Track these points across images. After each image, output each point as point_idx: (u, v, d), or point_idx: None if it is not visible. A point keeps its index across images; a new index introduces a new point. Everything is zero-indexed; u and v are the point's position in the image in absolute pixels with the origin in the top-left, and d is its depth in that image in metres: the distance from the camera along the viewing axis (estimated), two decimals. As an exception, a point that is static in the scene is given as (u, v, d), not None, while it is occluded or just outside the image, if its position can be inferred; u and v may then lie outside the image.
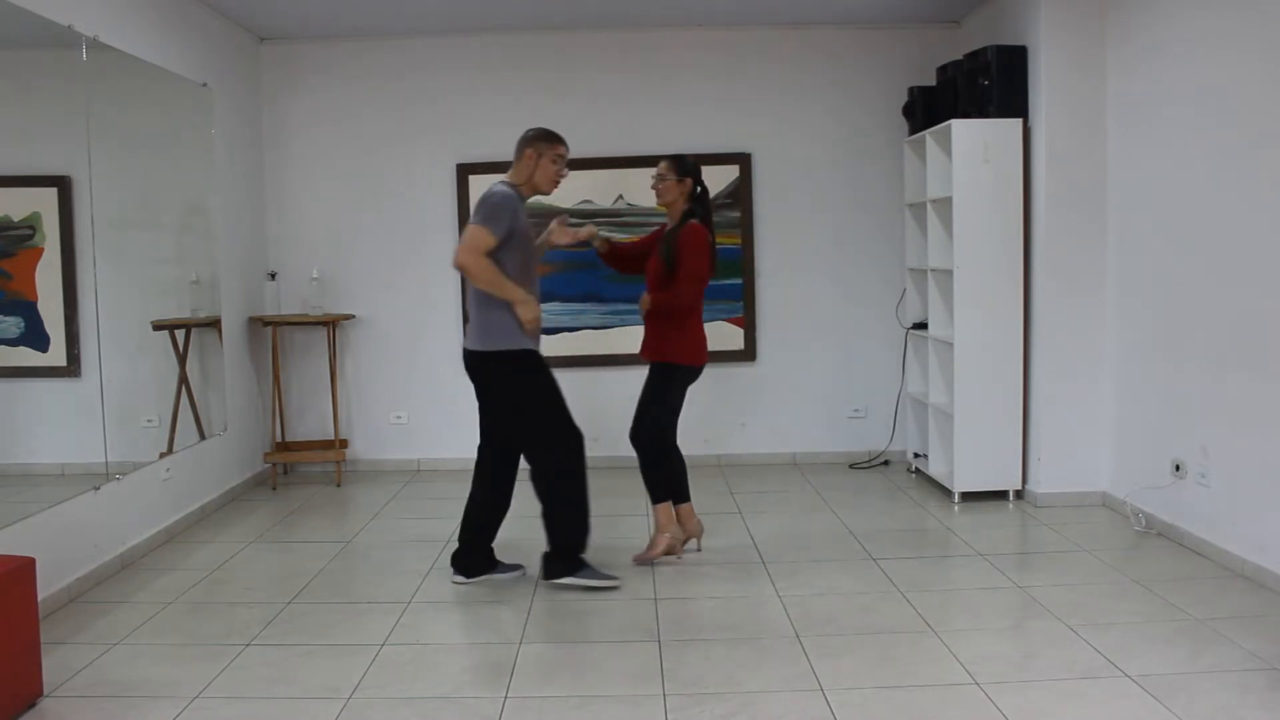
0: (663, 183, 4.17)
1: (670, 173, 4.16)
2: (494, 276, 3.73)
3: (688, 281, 4.08)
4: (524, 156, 3.91)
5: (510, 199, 3.79)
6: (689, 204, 4.17)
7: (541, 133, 3.95)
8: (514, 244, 3.78)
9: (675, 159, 4.20)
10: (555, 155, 3.91)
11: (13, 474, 3.89)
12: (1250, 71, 3.83)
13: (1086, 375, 4.98)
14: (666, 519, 4.23)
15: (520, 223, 3.81)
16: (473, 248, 3.71)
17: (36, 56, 4.00)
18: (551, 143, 3.92)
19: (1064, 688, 2.98)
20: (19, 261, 3.95)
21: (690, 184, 4.17)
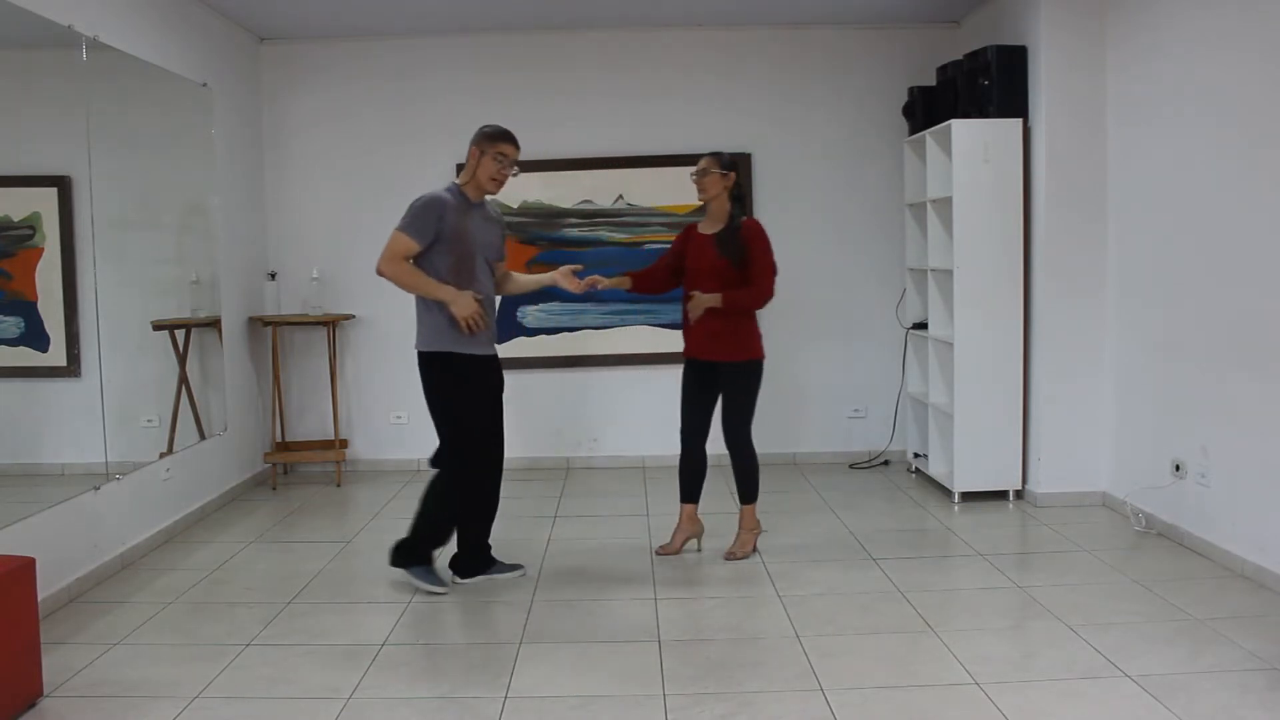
0: (705, 177, 4.13)
1: (713, 166, 4.12)
2: (415, 279, 3.73)
3: (767, 275, 4.07)
4: (469, 155, 3.89)
5: (434, 203, 3.76)
6: (732, 200, 4.14)
7: (486, 130, 3.90)
8: (444, 247, 3.76)
9: (717, 154, 4.17)
10: (497, 154, 3.84)
11: (13, 474, 3.89)
12: (1250, 71, 3.83)
13: (1086, 375, 4.98)
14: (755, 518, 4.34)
15: (449, 225, 3.75)
16: (390, 255, 3.72)
17: (36, 56, 4.00)
18: (494, 141, 3.86)
19: (1064, 688, 2.98)
20: (19, 261, 3.95)
21: (733, 178, 4.14)
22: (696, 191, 4.19)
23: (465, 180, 3.91)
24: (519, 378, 6.16)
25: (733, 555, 4.26)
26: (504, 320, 6.17)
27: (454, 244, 3.78)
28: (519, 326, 6.17)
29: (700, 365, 4.21)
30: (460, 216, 3.80)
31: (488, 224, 3.97)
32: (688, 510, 4.34)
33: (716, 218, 4.18)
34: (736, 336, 4.13)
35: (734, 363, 4.15)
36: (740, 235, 4.08)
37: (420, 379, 3.92)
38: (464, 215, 3.82)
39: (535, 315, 6.16)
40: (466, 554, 4.07)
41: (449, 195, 3.82)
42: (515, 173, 3.96)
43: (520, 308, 6.16)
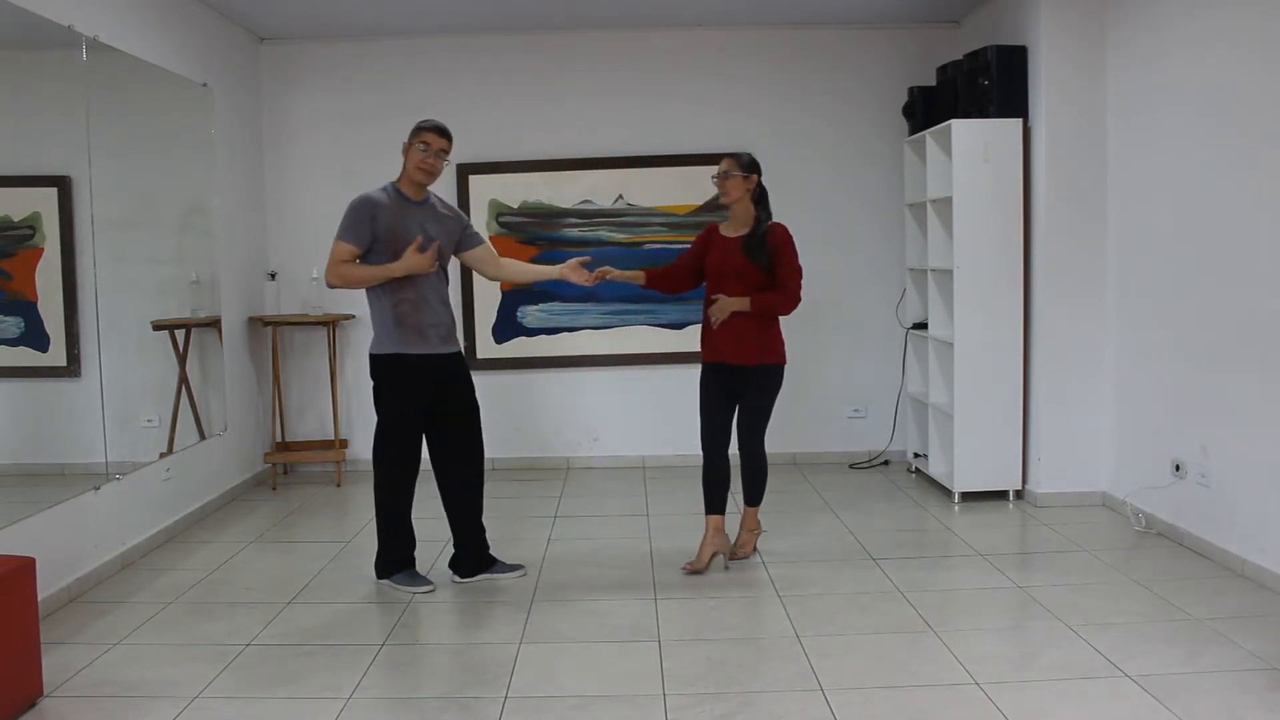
0: (727, 180, 4.03)
1: (733, 169, 4.03)
2: (360, 273, 3.78)
3: (796, 278, 4.01)
4: (403, 149, 3.95)
5: (365, 204, 3.80)
6: (755, 204, 4.08)
7: (417, 123, 3.96)
8: (381, 246, 3.79)
9: (739, 156, 4.08)
10: (419, 142, 3.89)
11: (13, 474, 3.89)
12: (1250, 71, 3.83)
13: (1086, 375, 4.98)
14: (757, 519, 4.30)
15: (383, 223, 3.78)
16: (331, 263, 3.79)
17: (36, 56, 4.00)
18: (417, 131, 3.91)
19: (1064, 688, 2.98)
20: (19, 261, 3.95)
21: (756, 180, 4.07)
22: (719, 195, 4.11)
23: (400, 176, 3.94)
24: (519, 378, 6.17)
25: (734, 556, 4.24)
26: (504, 320, 6.17)
27: (389, 242, 3.80)
28: (519, 326, 6.17)
29: (725, 370, 4.09)
30: (396, 214, 3.82)
31: (434, 220, 3.95)
32: (714, 522, 4.15)
33: (740, 221, 4.09)
34: (765, 339, 4.05)
35: (764, 366, 4.05)
36: (767, 239, 4.01)
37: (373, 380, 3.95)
38: (400, 212, 3.84)
39: (535, 315, 6.15)
40: (463, 553, 4.07)
41: (382, 194, 3.86)
42: (444, 161, 3.98)
43: (520, 308, 6.16)
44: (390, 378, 3.88)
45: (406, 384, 3.87)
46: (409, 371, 3.86)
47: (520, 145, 6.09)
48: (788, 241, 4.04)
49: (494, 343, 6.17)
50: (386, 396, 3.90)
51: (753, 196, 4.07)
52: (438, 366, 3.92)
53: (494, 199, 6.11)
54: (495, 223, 6.12)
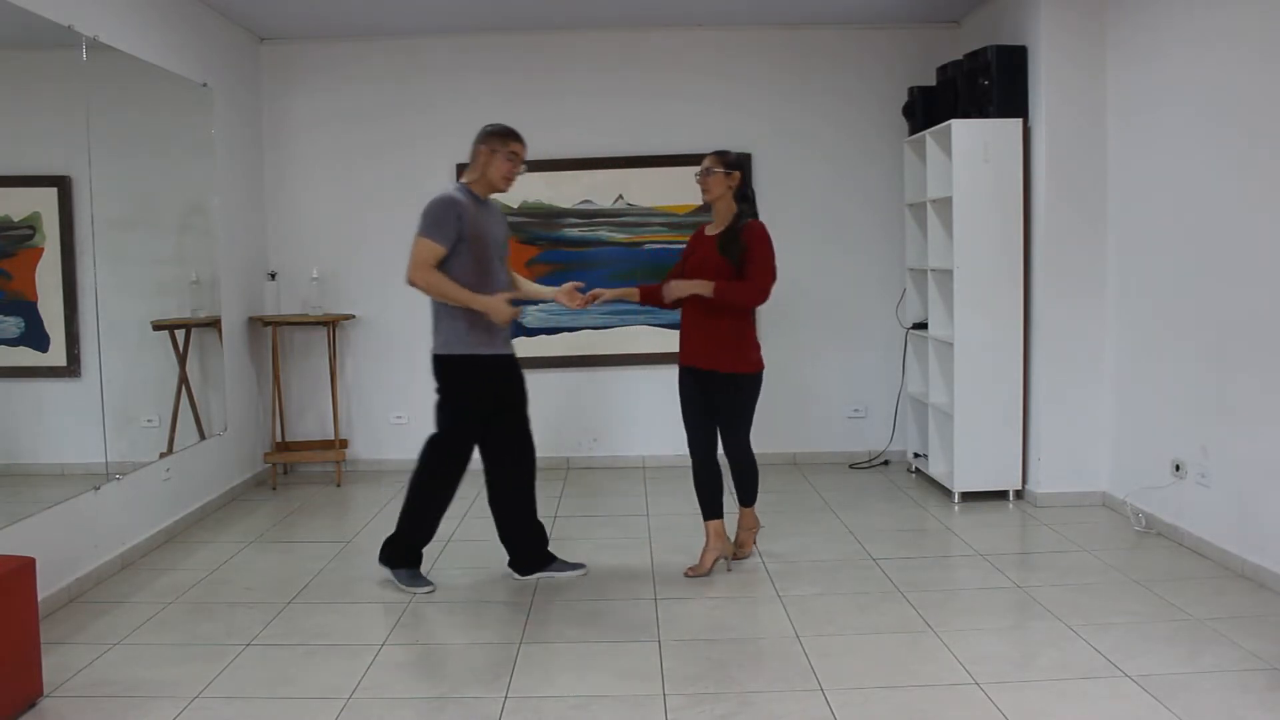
0: (709, 177, 3.98)
1: (716, 166, 3.98)
2: (448, 288, 3.72)
3: (765, 274, 3.89)
4: (478, 154, 3.88)
5: (449, 204, 3.74)
6: (738, 201, 4.02)
7: (495, 129, 3.90)
8: (464, 247, 3.75)
9: (721, 153, 4.04)
10: (509, 153, 3.85)
11: (13, 474, 3.89)
12: (1251, 71, 3.83)
13: (1086, 375, 4.98)
14: (754, 517, 4.28)
15: (467, 225, 3.75)
16: (420, 263, 3.71)
17: (36, 56, 4.00)
18: (505, 139, 3.86)
19: (1064, 688, 2.98)
20: (19, 261, 3.95)
21: (739, 178, 4.01)
22: (701, 192, 4.08)
23: (474, 179, 3.90)
24: (519, 378, 6.17)
25: (735, 556, 4.22)
26: (504, 320, 6.17)
27: (473, 243, 3.78)
28: (519, 326, 6.16)
29: (698, 375, 4.06)
30: (475, 215, 3.81)
31: (496, 221, 3.97)
32: (714, 528, 4.10)
33: (722, 219, 4.06)
34: (736, 346, 3.96)
35: (733, 375, 3.98)
36: (741, 235, 3.95)
37: (436, 380, 3.91)
38: (478, 214, 3.83)
39: (535, 315, 6.15)
40: (523, 551, 4.07)
41: (461, 195, 3.81)
42: (523, 170, 3.96)
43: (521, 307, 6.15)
44: (463, 378, 3.85)
45: (478, 385, 3.87)
46: (482, 373, 3.85)
47: (522, 144, 6.08)
48: (763, 239, 3.94)
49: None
50: (457, 397, 3.87)
51: (736, 194, 4.01)
52: (505, 367, 3.94)
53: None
54: (495, 223, 6.12)
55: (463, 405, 3.89)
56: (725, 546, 4.13)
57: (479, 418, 3.92)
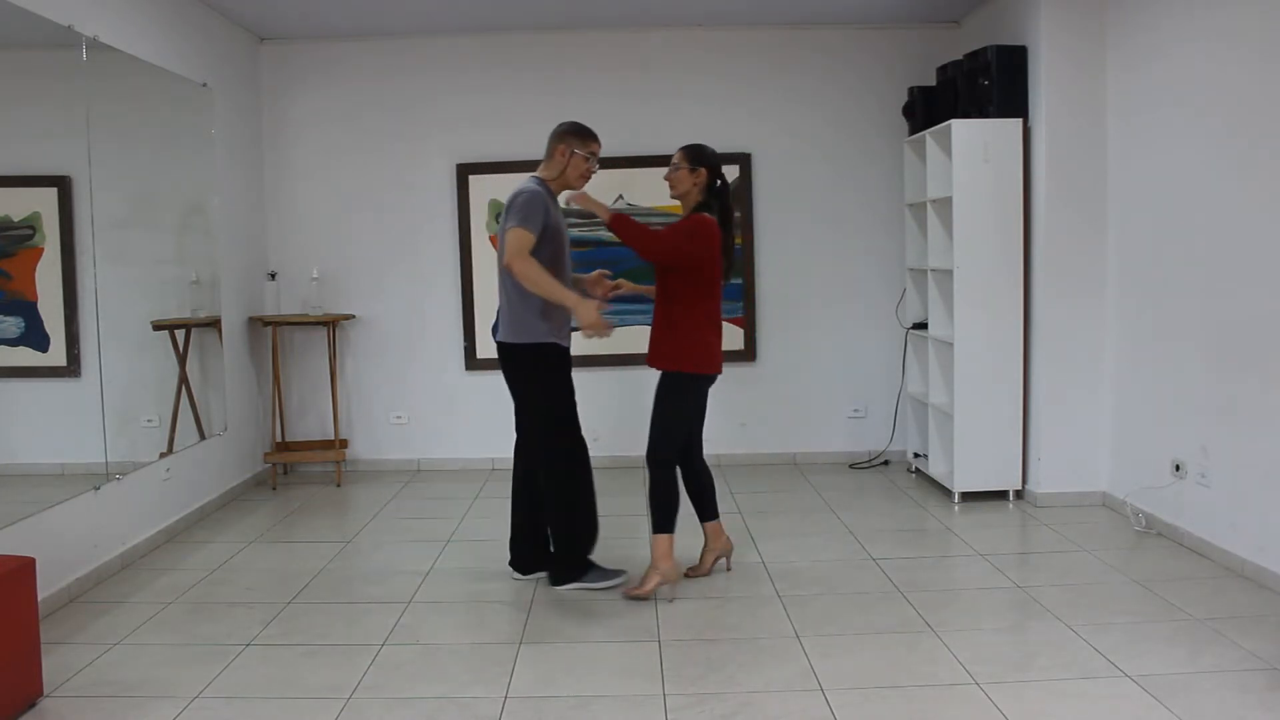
0: (675, 173, 3.86)
1: (683, 161, 3.84)
2: (546, 281, 3.66)
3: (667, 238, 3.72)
4: (556, 153, 3.89)
5: (539, 197, 3.77)
6: (704, 197, 3.85)
7: (575, 129, 3.92)
8: (546, 239, 3.76)
9: (689, 148, 3.88)
10: (589, 153, 3.90)
11: (13, 474, 3.89)
12: (1251, 70, 3.83)
13: (1086, 375, 4.98)
14: (660, 552, 3.80)
15: (551, 218, 3.79)
16: (519, 250, 3.65)
17: (36, 56, 4.00)
18: (585, 140, 3.90)
19: (1064, 688, 2.98)
20: (19, 261, 3.95)
21: (705, 175, 3.83)
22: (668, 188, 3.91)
23: (552, 176, 3.90)
24: (519, 378, 6.17)
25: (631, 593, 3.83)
26: (504, 320, 6.17)
27: (554, 236, 3.80)
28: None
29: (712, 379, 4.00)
30: (555, 210, 3.85)
31: (563, 219, 3.98)
32: (709, 528, 4.05)
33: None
34: (675, 345, 3.81)
35: (665, 372, 3.85)
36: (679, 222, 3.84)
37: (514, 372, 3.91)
38: (556, 209, 3.87)
39: (535, 315, 6.14)
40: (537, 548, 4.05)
41: (543, 189, 3.83)
42: (596, 169, 4.00)
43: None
44: (546, 364, 3.85)
45: (559, 371, 3.89)
46: (560, 360, 3.89)
47: (520, 145, 6.08)
48: (692, 223, 3.78)
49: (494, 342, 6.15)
50: (546, 383, 3.86)
51: (703, 191, 3.85)
52: (568, 362, 3.97)
53: (494, 199, 6.11)
54: (495, 223, 6.12)
55: (554, 389, 3.88)
56: (723, 545, 4.08)
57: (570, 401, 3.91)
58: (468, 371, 6.21)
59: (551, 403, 3.91)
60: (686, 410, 3.90)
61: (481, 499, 5.50)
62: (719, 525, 4.08)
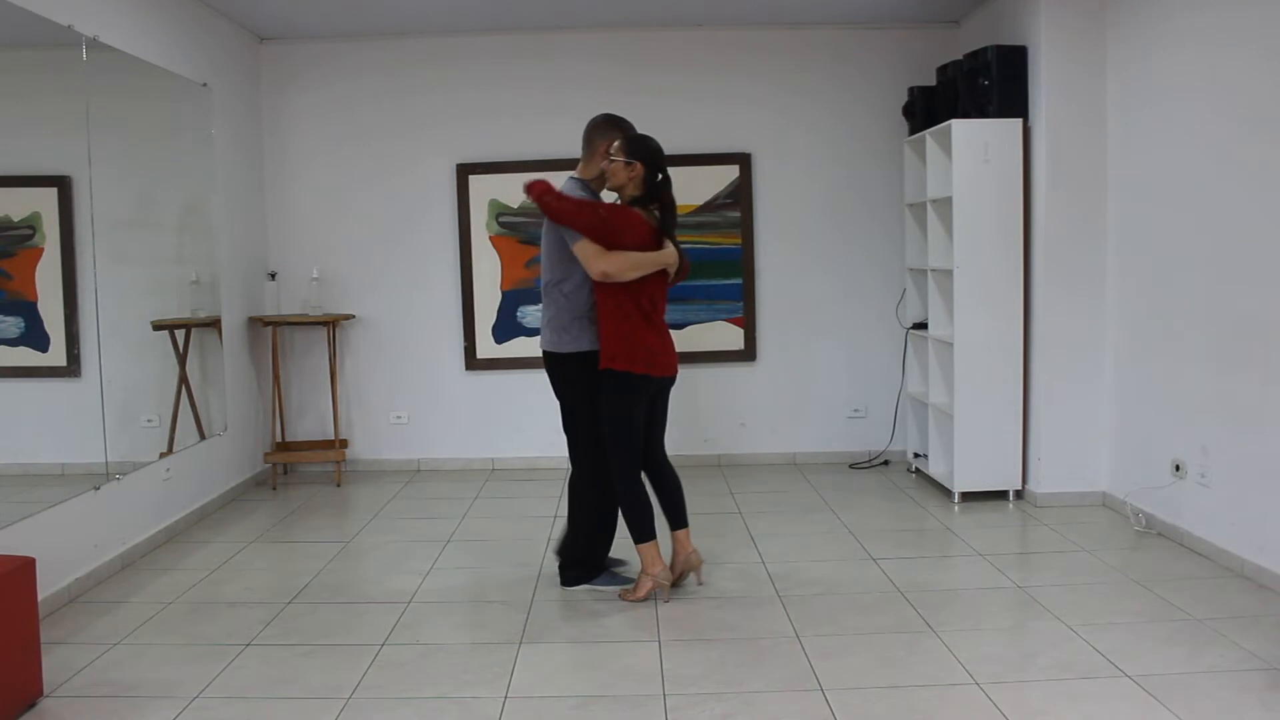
0: (610, 165, 3.70)
1: (619, 153, 3.67)
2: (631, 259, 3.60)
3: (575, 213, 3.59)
4: (597, 150, 3.82)
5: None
6: (642, 192, 3.70)
7: (611, 121, 3.87)
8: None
9: (628, 139, 3.71)
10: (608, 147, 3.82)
11: (13, 474, 3.89)
12: (1252, 70, 3.82)
13: (1086, 375, 4.98)
14: (648, 559, 3.76)
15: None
16: (594, 256, 3.59)
17: (36, 56, 4.00)
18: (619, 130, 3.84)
19: (1064, 688, 2.98)
20: (19, 261, 3.95)
21: (641, 169, 3.66)
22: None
23: (593, 175, 3.86)
24: (519, 377, 6.17)
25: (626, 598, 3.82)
26: (504, 320, 6.17)
27: None
28: (519, 326, 6.17)
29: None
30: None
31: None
32: (675, 537, 3.87)
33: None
34: (605, 340, 3.69)
35: (602, 370, 3.72)
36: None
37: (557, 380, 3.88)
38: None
39: (535, 315, 6.15)
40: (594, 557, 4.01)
41: (585, 192, 3.82)
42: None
43: (520, 307, 6.16)
44: (588, 375, 3.77)
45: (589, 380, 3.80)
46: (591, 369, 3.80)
47: (520, 145, 6.09)
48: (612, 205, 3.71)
49: (494, 342, 6.17)
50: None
51: (640, 185, 3.70)
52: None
53: (494, 199, 6.11)
54: (495, 223, 6.13)
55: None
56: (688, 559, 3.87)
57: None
58: (468, 371, 6.21)
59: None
60: (627, 413, 3.72)
61: (481, 499, 5.50)
62: (683, 535, 3.87)
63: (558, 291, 3.79)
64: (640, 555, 3.79)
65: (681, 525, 3.89)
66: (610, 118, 3.91)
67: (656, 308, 3.76)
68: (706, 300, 6.13)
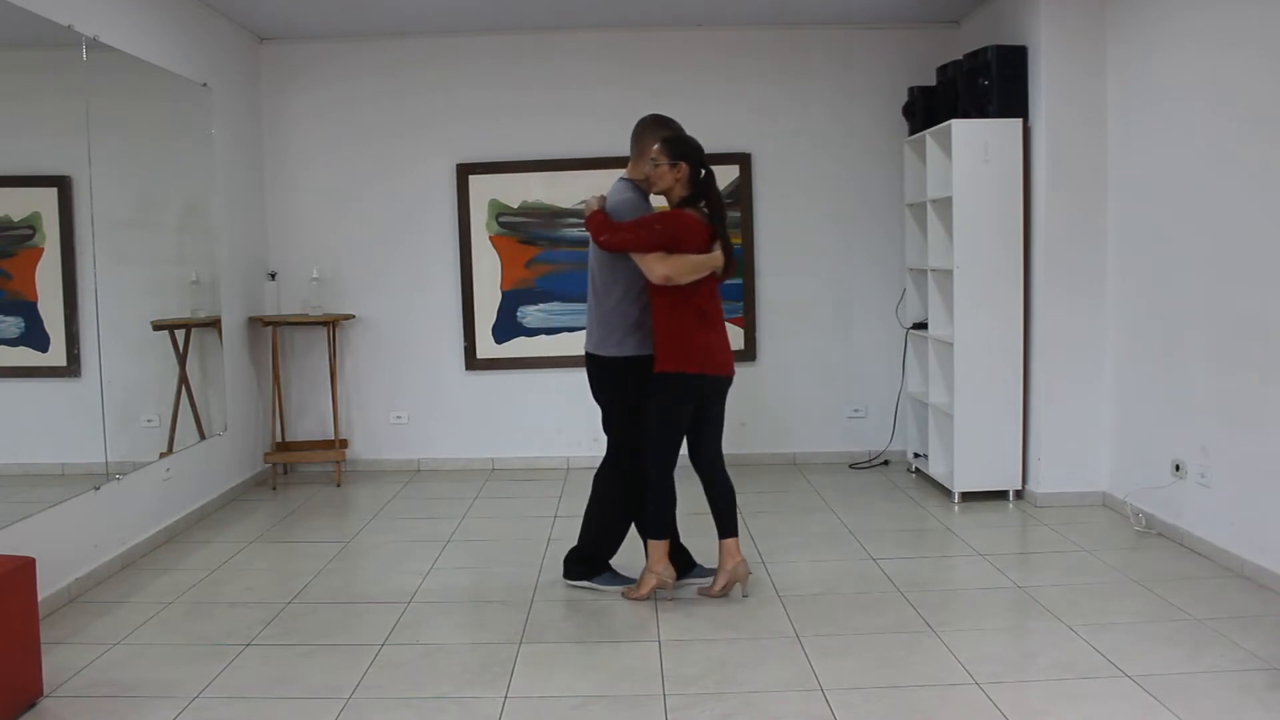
0: (655, 169, 3.71)
1: (662, 157, 3.69)
2: (688, 262, 3.61)
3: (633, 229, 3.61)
4: (646, 151, 3.77)
5: (627, 203, 3.74)
6: (690, 192, 3.72)
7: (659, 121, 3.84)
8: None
9: (667, 141, 3.70)
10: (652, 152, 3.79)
11: (13, 474, 3.89)
12: (1252, 70, 3.82)
13: (1086, 375, 4.98)
14: (654, 557, 3.78)
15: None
16: (654, 262, 3.59)
17: (36, 56, 4.00)
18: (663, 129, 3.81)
19: (1064, 688, 2.98)
20: (19, 261, 3.95)
21: (685, 169, 3.69)
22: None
23: (641, 176, 3.83)
24: (519, 377, 6.17)
25: (629, 595, 3.83)
26: (504, 320, 6.17)
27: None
28: (519, 326, 6.17)
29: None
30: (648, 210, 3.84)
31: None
32: (721, 546, 3.81)
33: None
34: (659, 343, 3.71)
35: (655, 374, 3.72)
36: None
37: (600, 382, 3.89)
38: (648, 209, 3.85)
39: (535, 315, 6.15)
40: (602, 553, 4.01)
41: (636, 193, 3.80)
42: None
43: (521, 308, 6.16)
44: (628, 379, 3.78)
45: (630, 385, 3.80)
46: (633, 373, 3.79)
47: (520, 145, 6.10)
48: (666, 213, 3.70)
49: (494, 342, 6.17)
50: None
51: (687, 185, 3.71)
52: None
53: (494, 199, 6.11)
54: (495, 223, 6.13)
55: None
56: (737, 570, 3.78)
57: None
58: (468, 371, 6.21)
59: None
60: (674, 414, 3.73)
61: (481, 499, 5.50)
62: (733, 544, 3.79)
63: (608, 297, 3.79)
64: (649, 550, 3.80)
65: (731, 533, 3.80)
66: (658, 118, 3.87)
67: (714, 307, 3.78)
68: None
